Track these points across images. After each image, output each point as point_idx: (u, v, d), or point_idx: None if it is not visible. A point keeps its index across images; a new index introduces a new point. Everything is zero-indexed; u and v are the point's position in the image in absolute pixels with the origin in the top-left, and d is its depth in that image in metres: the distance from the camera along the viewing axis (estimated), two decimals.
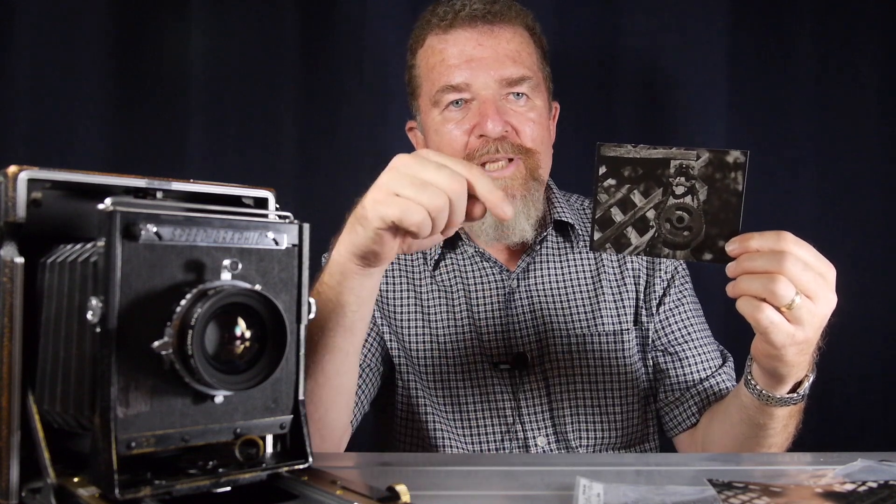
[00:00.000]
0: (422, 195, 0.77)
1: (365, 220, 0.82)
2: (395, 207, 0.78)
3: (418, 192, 0.77)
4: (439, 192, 0.77)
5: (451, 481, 0.81)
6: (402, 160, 0.80)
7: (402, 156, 0.81)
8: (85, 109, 1.58)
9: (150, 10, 1.60)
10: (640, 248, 0.90)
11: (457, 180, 0.78)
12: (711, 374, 1.21)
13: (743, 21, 1.60)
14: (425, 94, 1.23)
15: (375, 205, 0.80)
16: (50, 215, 0.62)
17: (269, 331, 0.58)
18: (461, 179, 0.78)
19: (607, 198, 0.90)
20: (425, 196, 0.77)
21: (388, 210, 0.78)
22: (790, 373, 0.91)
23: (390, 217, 0.78)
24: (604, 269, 1.26)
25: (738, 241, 0.85)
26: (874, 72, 1.59)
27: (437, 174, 0.78)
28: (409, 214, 0.77)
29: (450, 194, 0.77)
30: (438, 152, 0.82)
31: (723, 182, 0.86)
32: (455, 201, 0.78)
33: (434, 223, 0.78)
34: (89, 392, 0.55)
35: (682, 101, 1.60)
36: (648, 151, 0.88)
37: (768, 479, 0.74)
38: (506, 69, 1.17)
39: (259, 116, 1.61)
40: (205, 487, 0.57)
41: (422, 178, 0.78)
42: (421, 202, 0.77)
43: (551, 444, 1.19)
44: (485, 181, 0.79)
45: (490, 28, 1.19)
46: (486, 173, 0.80)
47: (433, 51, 1.21)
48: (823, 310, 0.84)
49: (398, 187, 0.78)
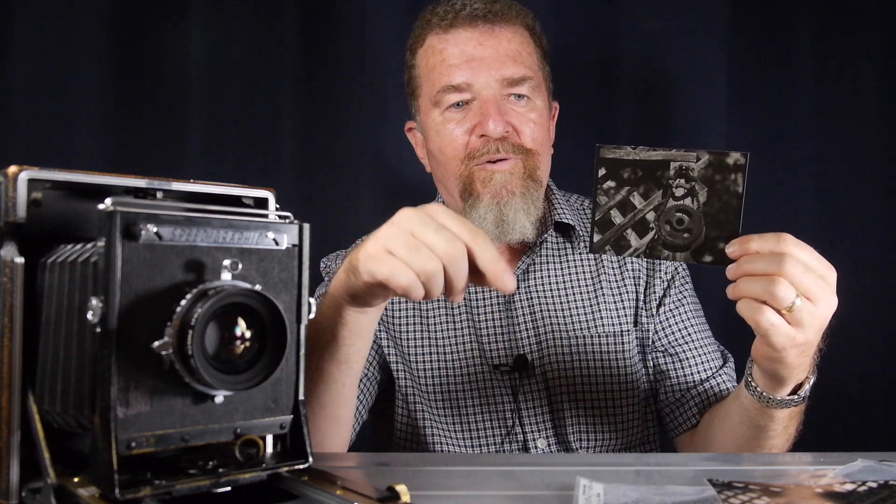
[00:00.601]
0: (414, 258, 0.73)
1: (356, 272, 0.80)
2: (385, 266, 0.74)
3: (411, 254, 0.73)
4: (432, 257, 0.73)
5: (451, 481, 0.81)
6: (405, 214, 0.76)
7: (406, 210, 0.77)
8: (85, 109, 1.58)
9: (150, 10, 1.60)
10: (640, 250, 0.90)
11: (455, 246, 0.73)
12: (712, 374, 1.21)
13: (743, 21, 1.60)
14: (425, 95, 1.23)
15: (367, 259, 0.77)
16: (50, 215, 0.62)
17: (269, 331, 0.58)
18: (460, 245, 0.73)
19: (607, 200, 0.90)
20: (417, 259, 0.73)
21: (378, 268, 0.75)
22: (791, 375, 0.91)
23: (378, 276, 0.75)
24: (604, 271, 1.26)
25: (739, 244, 0.85)
26: (874, 72, 1.59)
27: (436, 236, 0.73)
28: (397, 276, 0.73)
29: (445, 260, 0.73)
30: (447, 210, 0.77)
31: (723, 184, 0.86)
32: (450, 267, 0.73)
33: (426, 288, 0.74)
34: (89, 392, 0.55)
35: (682, 101, 1.60)
36: (648, 153, 0.88)
37: (768, 479, 0.74)
38: (507, 69, 1.17)
39: (259, 116, 1.61)
40: (205, 487, 0.57)
41: (419, 238, 0.74)
42: (411, 265, 0.73)
43: (551, 445, 1.19)
44: (487, 250, 0.74)
45: (491, 28, 1.18)
46: (489, 241, 0.75)
47: (433, 50, 1.21)
48: (824, 312, 0.84)
49: (393, 245, 0.74)
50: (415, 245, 0.74)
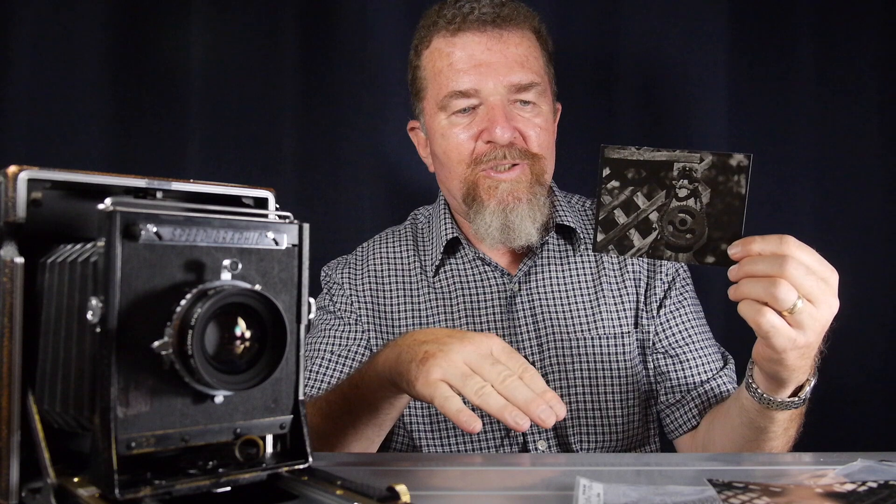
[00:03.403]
0: (468, 387, 0.79)
1: (410, 385, 0.84)
2: (440, 395, 0.80)
3: (466, 382, 0.79)
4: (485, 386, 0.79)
5: (451, 481, 0.81)
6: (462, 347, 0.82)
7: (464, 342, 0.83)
8: (85, 109, 1.58)
9: (150, 10, 1.60)
10: (643, 251, 0.90)
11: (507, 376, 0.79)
12: (712, 376, 1.20)
13: (743, 21, 1.60)
14: (431, 97, 1.23)
15: (425, 385, 0.81)
16: (50, 215, 0.62)
17: (269, 331, 0.58)
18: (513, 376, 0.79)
19: (611, 199, 0.90)
20: (470, 387, 0.79)
21: (434, 395, 0.80)
22: (791, 377, 0.91)
23: (433, 401, 0.80)
24: (604, 272, 1.26)
25: (741, 245, 0.85)
26: (874, 72, 1.59)
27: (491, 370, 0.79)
28: (450, 403, 0.79)
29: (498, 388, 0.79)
30: (502, 344, 0.83)
31: (726, 185, 0.86)
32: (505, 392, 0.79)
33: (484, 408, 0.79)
34: (89, 392, 0.55)
35: (683, 101, 1.60)
36: (652, 154, 0.88)
37: (768, 479, 0.74)
38: (514, 75, 1.17)
39: (259, 116, 1.61)
40: (205, 487, 0.57)
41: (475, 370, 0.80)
42: (465, 392, 0.79)
43: (552, 447, 1.19)
44: (536, 380, 0.80)
45: (499, 32, 1.18)
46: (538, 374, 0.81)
47: (440, 54, 1.20)
48: (825, 314, 0.84)
49: (450, 377, 0.80)
50: (470, 377, 0.79)
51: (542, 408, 0.76)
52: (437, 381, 0.80)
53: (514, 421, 0.76)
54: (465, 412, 0.77)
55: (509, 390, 0.77)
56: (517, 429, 0.76)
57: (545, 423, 0.76)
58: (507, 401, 0.77)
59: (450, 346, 0.82)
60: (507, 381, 0.78)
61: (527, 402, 0.76)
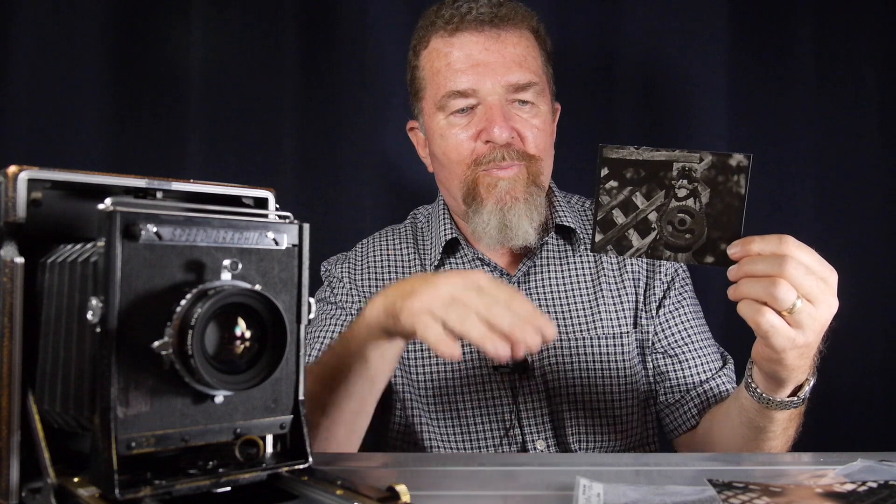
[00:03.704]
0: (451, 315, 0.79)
1: (396, 319, 0.85)
2: (425, 326, 0.80)
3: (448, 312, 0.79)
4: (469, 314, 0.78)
5: (451, 481, 0.81)
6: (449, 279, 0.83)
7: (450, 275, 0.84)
8: (85, 109, 1.58)
9: (150, 11, 1.60)
10: (642, 251, 0.90)
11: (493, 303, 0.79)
12: (711, 376, 1.20)
13: (743, 22, 1.60)
14: (430, 98, 1.23)
15: (409, 315, 0.82)
16: (50, 215, 0.62)
17: (269, 331, 0.58)
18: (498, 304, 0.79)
19: (609, 199, 0.90)
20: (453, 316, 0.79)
21: (418, 324, 0.80)
22: (791, 376, 0.91)
23: (417, 331, 0.81)
24: (603, 273, 1.26)
25: (740, 245, 0.85)
26: (874, 73, 1.59)
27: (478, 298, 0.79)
28: (431, 332, 0.79)
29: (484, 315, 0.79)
30: (488, 276, 0.83)
31: (725, 185, 0.86)
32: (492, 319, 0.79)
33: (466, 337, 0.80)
34: (89, 392, 0.55)
35: (682, 101, 1.60)
36: (651, 154, 0.88)
37: (768, 479, 0.74)
38: (512, 74, 1.16)
39: (259, 116, 1.61)
40: (205, 487, 0.57)
41: (459, 298, 0.80)
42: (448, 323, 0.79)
43: (550, 447, 1.19)
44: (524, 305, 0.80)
45: (497, 32, 1.18)
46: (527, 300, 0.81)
47: (438, 54, 1.20)
48: (824, 314, 0.84)
49: (434, 306, 0.80)
50: (453, 304, 0.79)
51: (528, 330, 0.76)
52: (420, 311, 0.80)
53: (494, 348, 0.75)
54: (445, 341, 0.77)
55: (494, 317, 0.77)
56: (496, 356, 0.76)
57: (530, 346, 0.76)
58: (491, 327, 0.77)
59: (436, 279, 0.83)
60: (492, 309, 0.78)
61: (511, 326, 0.76)
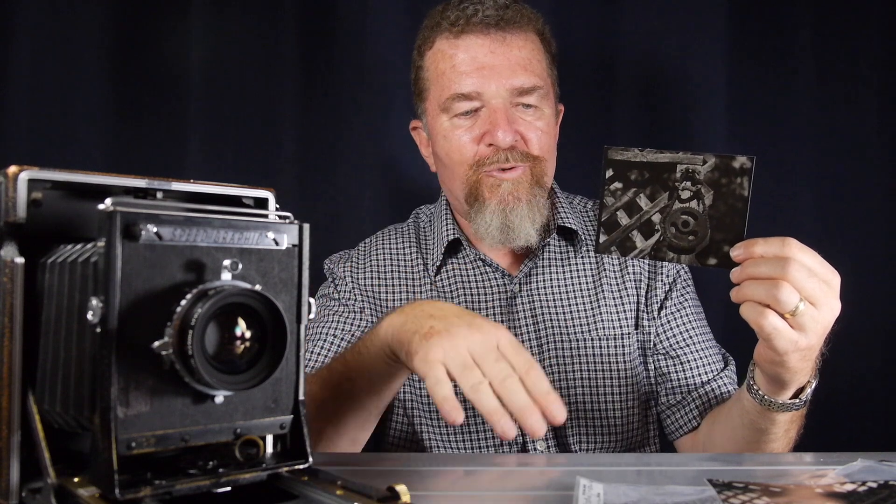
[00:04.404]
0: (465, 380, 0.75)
1: (409, 357, 0.80)
2: (435, 380, 0.76)
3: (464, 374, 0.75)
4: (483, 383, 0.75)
5: (451, 481, 0.81)
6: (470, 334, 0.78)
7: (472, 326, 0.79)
8: (85, 109, 1.58)
9: (150, 11, 1.60)
10: (645, 252, 0.90)
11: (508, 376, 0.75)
12: (713, 377, 1.20)
13: (743, 21, 1.60)
14: (433, 99, 1.22)
15: (422, 363, 0.78)
16: (50, 215, 0.62)
17: (270, 331, 0.58)
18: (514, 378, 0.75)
19: (613, 201, 0.90)
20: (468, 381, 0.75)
21: (429, 375, 0.76)
22: (793, 379, 0.91)
23: (426, 380, 0.77)
24: (605, 274, 1.26)
25: (743, 247, 0.85)
26: (874, 73, 1.59)
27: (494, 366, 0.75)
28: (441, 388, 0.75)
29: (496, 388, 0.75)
30: (510, 337, 0.78)
31: (728, 187, 0.86)
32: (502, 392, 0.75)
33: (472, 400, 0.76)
34: (89, 392, 0.55)
35: (683, 101, 1.60)
36: (655, 155, 0.88)
37: (768, 479, 0.74)
38: (517, 78, 1.16)
39: (259, 116, 1.61)
40: (205, 487, 0.57)
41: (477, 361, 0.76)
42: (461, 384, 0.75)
43: (550, 448, 1.19)
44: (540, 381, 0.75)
45: (502, 35, 1.17)
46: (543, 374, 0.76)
47: (443, 55, 1.20)
48: (827, 317, 0.84)
49: (450, 362, 0.76)
50: (470, 368, 0.75)
51: (535, 418, 0.72)
52: (435, 362, 0.76)
53: (502, 428, 0.72)
54: (451, 401, 0.73)
55: (507, 392, 0.74)
56: (503, 437, 0.73)
57: (535, 434, 0.72)
58: (503, 402, 0.73)
59: (457, 330, 0.78)
60: (506, 382, 0.74)
61: (521, 408, 0.73)
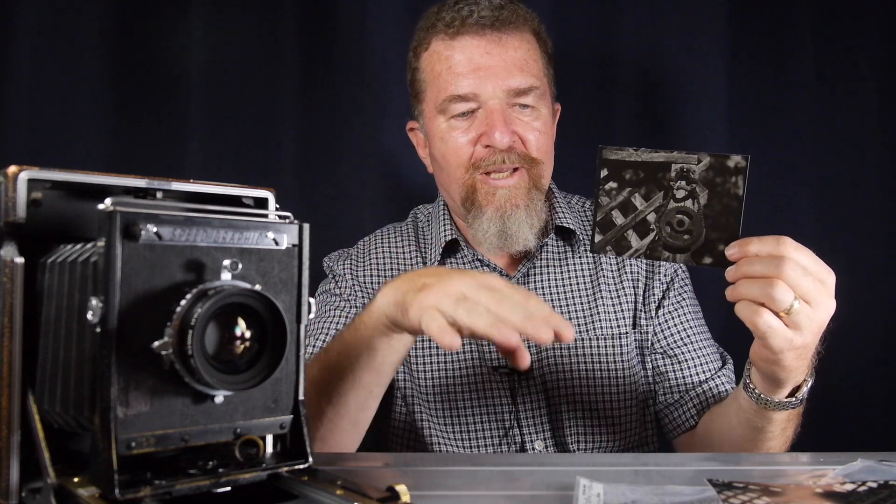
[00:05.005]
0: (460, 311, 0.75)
1: (405, 313, 0.81)
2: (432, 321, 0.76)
3: (458, 308, 0.75)
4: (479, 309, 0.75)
5: (451, 481, 0.81)
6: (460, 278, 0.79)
7: (462, 274, 0.80)
8: (85, 109, 1.58)
9: (150, 11, 1.60)
10: (641, 251, 0.90)
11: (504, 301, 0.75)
12: (710, 376, 1.21)
13: (743, 22, 1.60)
14: (430, 100, 1.22)
15: (419, 310, 0.78)
16: (50, 215, 0.62)
17: (269, 331, 0.58)
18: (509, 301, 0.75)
19: (608, 200, 0.90)
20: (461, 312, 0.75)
21: (426, 320, 0.77)
22: (788, 377, 0.91)
23: (424, 327, 0.77)
24: (603, 274, 1.26)
25: (738, 246, 0.85)
26: (874, 73, 1.59)
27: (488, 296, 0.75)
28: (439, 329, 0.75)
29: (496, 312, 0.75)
30: (500, 278, 0.79)
31: (723, 186, 0.86)
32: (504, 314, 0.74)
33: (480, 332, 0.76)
34: (89, 392, 0.55)
35: (682, 101, 1.60)
36: (650, 155, 0.89)
37: (768, 479, 0.74)
38: (513, 79, 1.16)
39: (259, 116, 1.61)
40: (205, 487, 0.57)
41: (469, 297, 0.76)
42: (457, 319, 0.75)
43: (549, 447, 1.19)
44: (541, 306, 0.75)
45: (498, 36, 1.17)
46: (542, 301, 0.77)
47: (439, 56, 1.20)
48: (822, 315, 0.85)
49: (443, 304, 0.76)
50: (463, 300, 0.75)
51: (539, 325, 0.71)
52: (428, 307, 0.77)
53: (501, 335, 0.71)
54: (447, 330, 0.73)
55: (506, 311, 0.73)
56: (507, 343, 0.71)
57: (542, 339, 0.71)
58: (500, 320, 0.73)
59: (448, 279, 0.79)
60: (503, 303, 0.74)
61: (522, 319, 0.72)
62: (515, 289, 0.78)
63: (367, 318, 0.91)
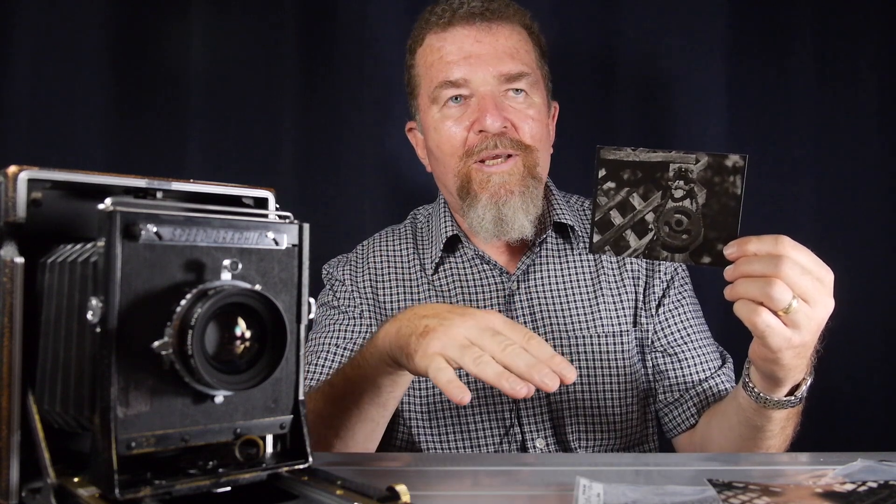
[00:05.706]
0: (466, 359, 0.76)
1: (409, 358, 0.82)
2: (438, 370, 0.77)
3: (464, 356, 0.76)
4: (484, 357, 0.76)
5: (451, 481, 0.81)
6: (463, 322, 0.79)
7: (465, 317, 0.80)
8: (85, 110, 1.58)
9: (150, 11, 1.60)
10: (639, 251, 0.90)
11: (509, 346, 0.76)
12: (710, 374, 1.21)
13: (743, 21, 1.60)
14: (424, 92, 1.23)
15: (423, 357, 0.79)
16: (50, 215, 0.62)
17: (269, 331, 0.58)
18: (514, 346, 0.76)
19: (607, 200, 0.90)
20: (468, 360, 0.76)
21: (432, 369, 0.78)
22: (787, 376, 0.91)
23: (430, 375, 0.78)
24: (603, 271, 1.26)
25: (736, 245, 0.85)
26: (874, 72, 1.59)
27: (492, 341, 0.76)
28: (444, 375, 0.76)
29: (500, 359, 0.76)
30: (503, 318, 0.81)
31: (721, 186, 0.86)
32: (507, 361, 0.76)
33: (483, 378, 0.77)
34: (89, 392, 0.55)
35: (682, 101, 1.60)
36: (648, 155, 0.89)
37: (768, 479, 0.74)
38: (504, 65, 1.17)
39: (259, 116, 1.61)
40: (205, 487, 0.57)
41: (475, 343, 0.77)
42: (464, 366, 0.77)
43: (550, 445, 1.19)
44: (542, 348, 0.76)
45: (488, 25, 1.19)
46: (544, 342, 0.77)
47: (431, 49, 1.22)
48: (820, 314, 0.85)
49: (449, 351, 0.78)
50: (468, 348, 0.77)
51: (545, 372, 0.73)
52: (434, 354, 0.78)
53: (511, 387, 0.72)
54: (456, 382, 0.74)
55: (509, 358, 0.74)
56: (513, 394, 0.72)
57: (548, 387, 0.72)
58: (507, 367, 0.74)
59: (451, 321, 0.80)
60: (507, 350, 0.75)
61: (528, 366, 0.73)
62: (515, 329, 0.79)
63: (368, 356, 0.92)
